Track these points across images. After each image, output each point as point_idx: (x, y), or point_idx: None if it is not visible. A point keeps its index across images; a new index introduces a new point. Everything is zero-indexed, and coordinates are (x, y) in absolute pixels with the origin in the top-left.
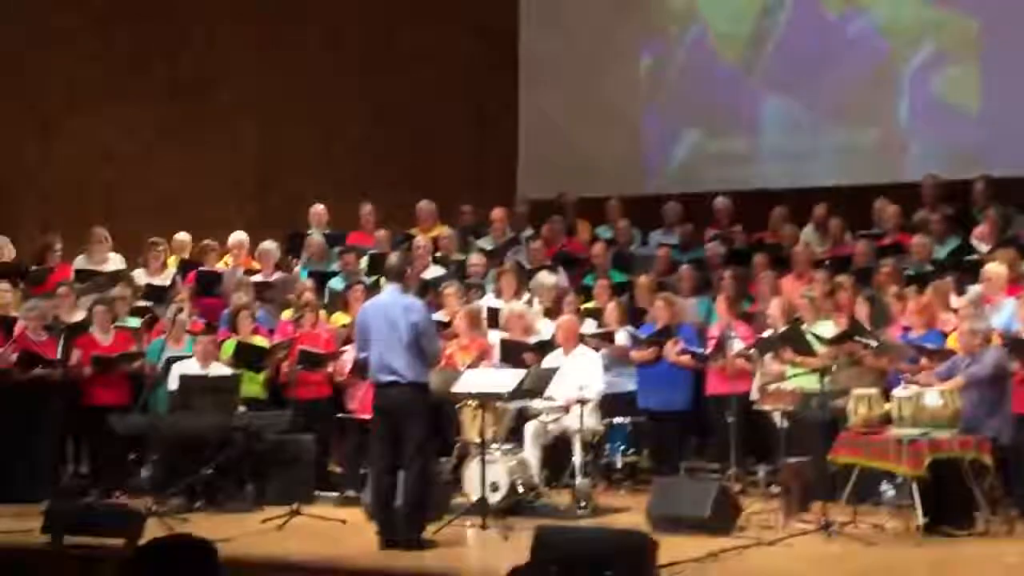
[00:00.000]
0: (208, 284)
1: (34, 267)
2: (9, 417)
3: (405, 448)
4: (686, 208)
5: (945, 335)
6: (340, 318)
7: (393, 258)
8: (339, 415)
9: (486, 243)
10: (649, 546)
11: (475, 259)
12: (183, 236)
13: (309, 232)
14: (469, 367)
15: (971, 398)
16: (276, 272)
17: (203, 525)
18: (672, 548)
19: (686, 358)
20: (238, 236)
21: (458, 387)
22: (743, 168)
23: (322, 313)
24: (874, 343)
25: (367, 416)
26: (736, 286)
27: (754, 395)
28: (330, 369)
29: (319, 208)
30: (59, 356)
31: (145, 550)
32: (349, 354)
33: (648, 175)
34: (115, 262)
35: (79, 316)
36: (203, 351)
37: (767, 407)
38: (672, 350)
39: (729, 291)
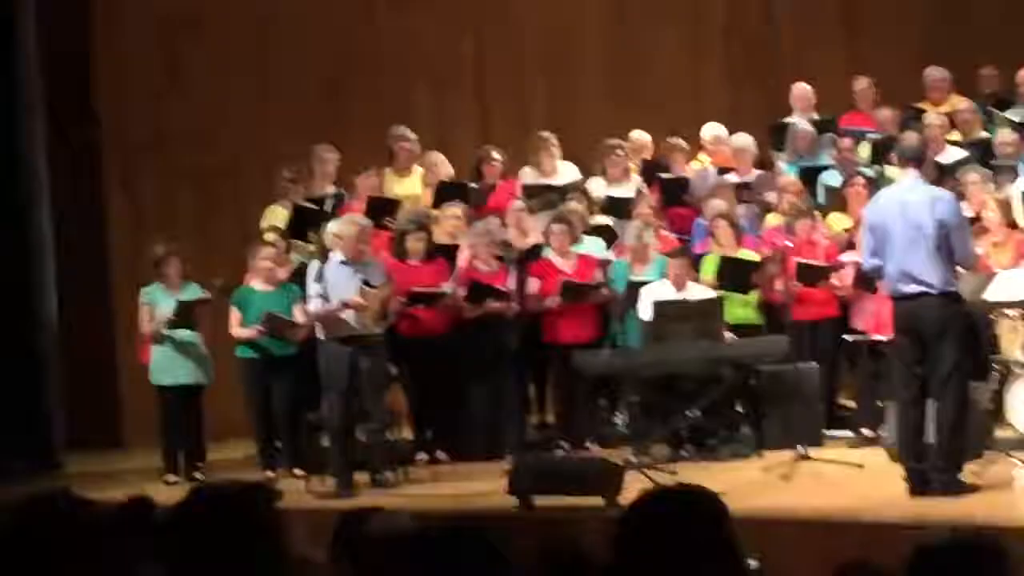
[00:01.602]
0: (676, 191)
1: (473, 184)
2: (461, 361)
3: (936, 373)
4: None
5: None
6: (838, 220)
7: (910, 138)
8: (846, 337)
9: (1015, 114)
10: None
11: (1003, 136)
12: (640, 135)
13: (792, 119)
14: (1006, 269)
15: None
16: (754, 171)
17: (693, 476)
18: None
19: None
20: (713, 129)
21: (994, 294)
22: None
23: (816, 215)
24: None
25: (882, 336)
26: None
27: None
28: (834, 282)
29: (803, 89)
30: (513, 287)
31: (641, 507)
32: (852, 263)
33: None
34: (567, 173)
35: (532, 239)
36: (678, 272)
37: None
38: None
39: None
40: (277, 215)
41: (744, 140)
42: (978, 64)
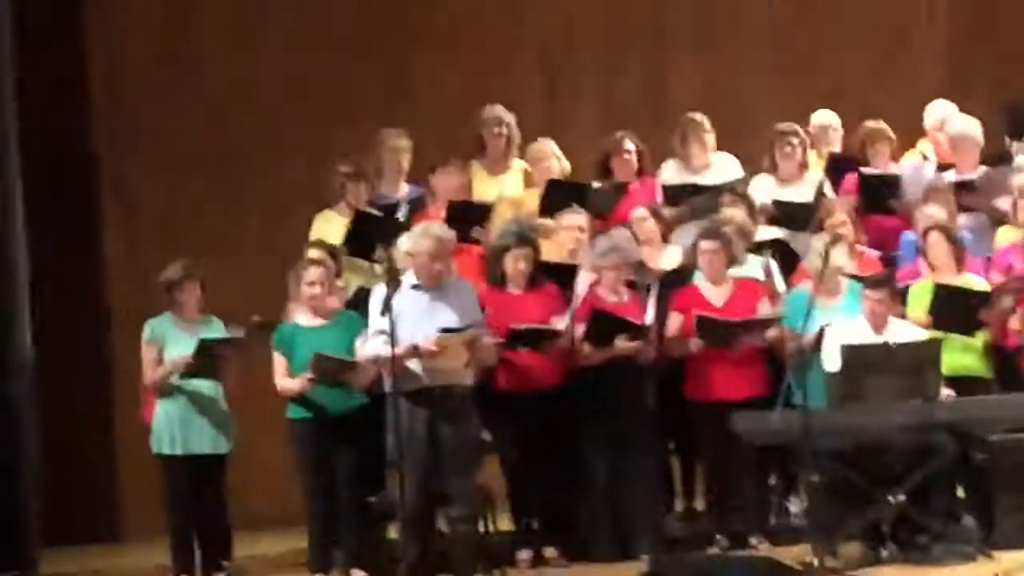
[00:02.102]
0: (881, 192)
1: (597, 185)
2: (579, 425)
3: None
4: None
5: None
6: None
7: None
8: None
9: None
10: None
11: None
12: (826, 118)
13: None
14: None
15: None
16: (982, 167)
17: None
18: None
19: None
20: (941, 109)
21: None
22: None
23: None
24: None
25: None
26: None
27: None
28: None
29: None
30: (650, 323)
31: None
32: None
33: None
34: (722, 168)
35: (674, 259)
36: (878, 306)
37: None
38: None
39: None
40: (332, 225)
41: (967, 125)
42: None
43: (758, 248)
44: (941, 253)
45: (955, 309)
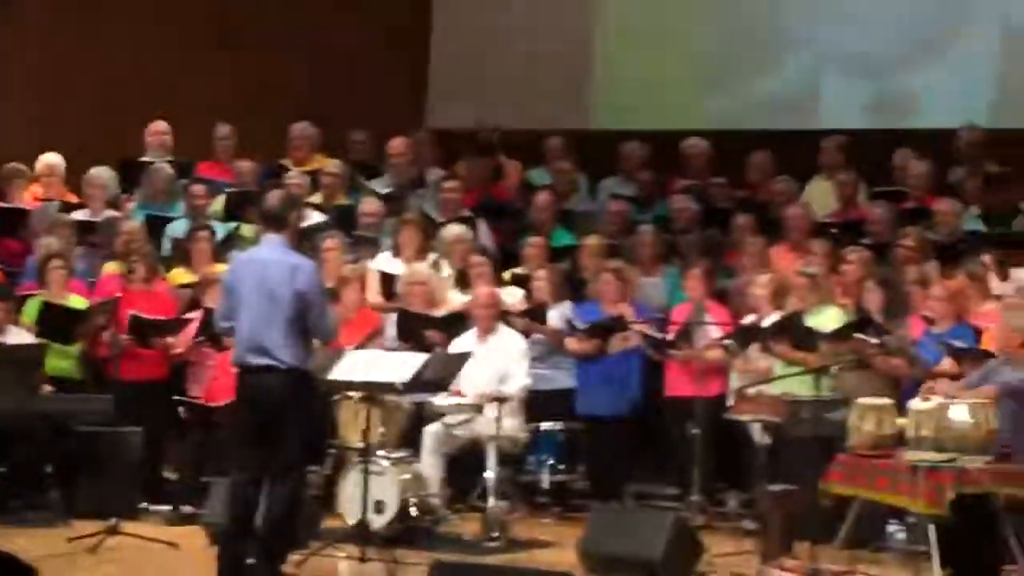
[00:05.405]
0: (10, 222)
1: None
2: None
3: (276, 454)
4: (649, 150)
5: (979, 332)
6: (180, 275)
7: (274, 198)
8: (178, 403)
9: (382, 184)
10: None
11: (368, 205)
12: None
13: (149, 159)
14: (357, 348)
15: (1008, 415)
16: (107, 210)
17: None
18: None
19: (636, 338)
20: (49, 159)
21: (337, 373)
22: (723, 101)
23: (158, 267)
24: (880, 340)
25: (214, 405)
26: (711, 255)
27: (729, 400)
28: (170, 341)
29: (160, 127)
30: None
31: None
32: (195, 319)
33: (598, 106)
34: None
35: None
36: None
37: (744, 417)
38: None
39: (702, 262)
40: None
41: (101, 174)
42: (351, 127)
43: None
44: (55, 276)
45: (57, 323)
